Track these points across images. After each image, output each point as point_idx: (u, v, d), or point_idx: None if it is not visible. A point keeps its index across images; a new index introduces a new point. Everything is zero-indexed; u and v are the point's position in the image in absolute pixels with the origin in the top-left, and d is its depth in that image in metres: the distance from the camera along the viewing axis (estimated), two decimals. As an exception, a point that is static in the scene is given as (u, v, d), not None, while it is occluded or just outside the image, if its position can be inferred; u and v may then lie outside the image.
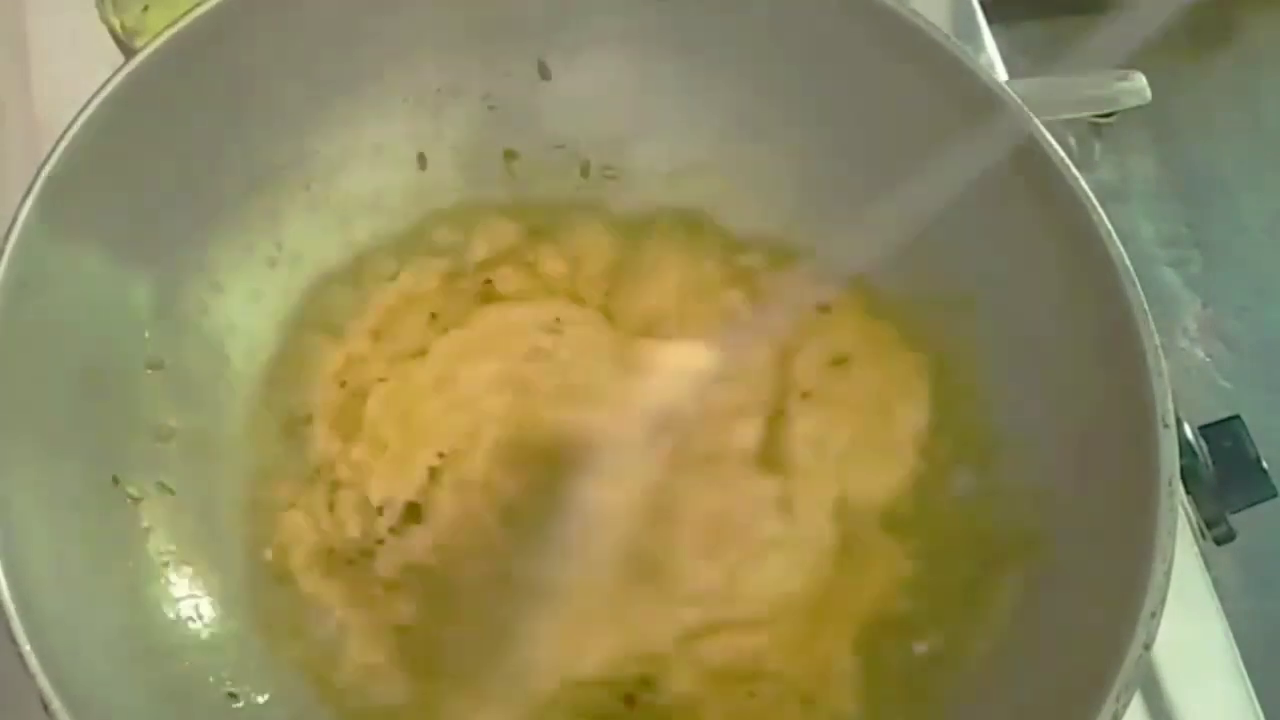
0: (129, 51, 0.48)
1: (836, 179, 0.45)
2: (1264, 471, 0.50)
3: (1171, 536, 0.35)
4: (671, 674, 0.40)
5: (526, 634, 0.40)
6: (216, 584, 0.40)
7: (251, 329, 0.43)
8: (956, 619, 0.40)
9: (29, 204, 0.36)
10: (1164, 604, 0.34)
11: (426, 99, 0.46)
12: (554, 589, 0.40)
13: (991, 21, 0.60)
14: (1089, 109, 0.57)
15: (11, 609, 0.33)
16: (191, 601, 0.40)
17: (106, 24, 0.49)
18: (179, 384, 0.41)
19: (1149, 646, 0.34)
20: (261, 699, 0.39)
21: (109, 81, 0.38)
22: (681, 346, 0.43)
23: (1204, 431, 0.50)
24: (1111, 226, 0.39)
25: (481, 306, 0.45)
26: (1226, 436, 0.50)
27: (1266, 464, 0.50)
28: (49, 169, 0.37)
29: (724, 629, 0.41)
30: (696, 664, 0.40)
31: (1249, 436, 0.50)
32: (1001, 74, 0.58)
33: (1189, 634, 0.47)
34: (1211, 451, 0.50)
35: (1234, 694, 0.47)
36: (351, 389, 0.44)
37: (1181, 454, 0.37)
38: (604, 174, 0.47)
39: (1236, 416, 0.51)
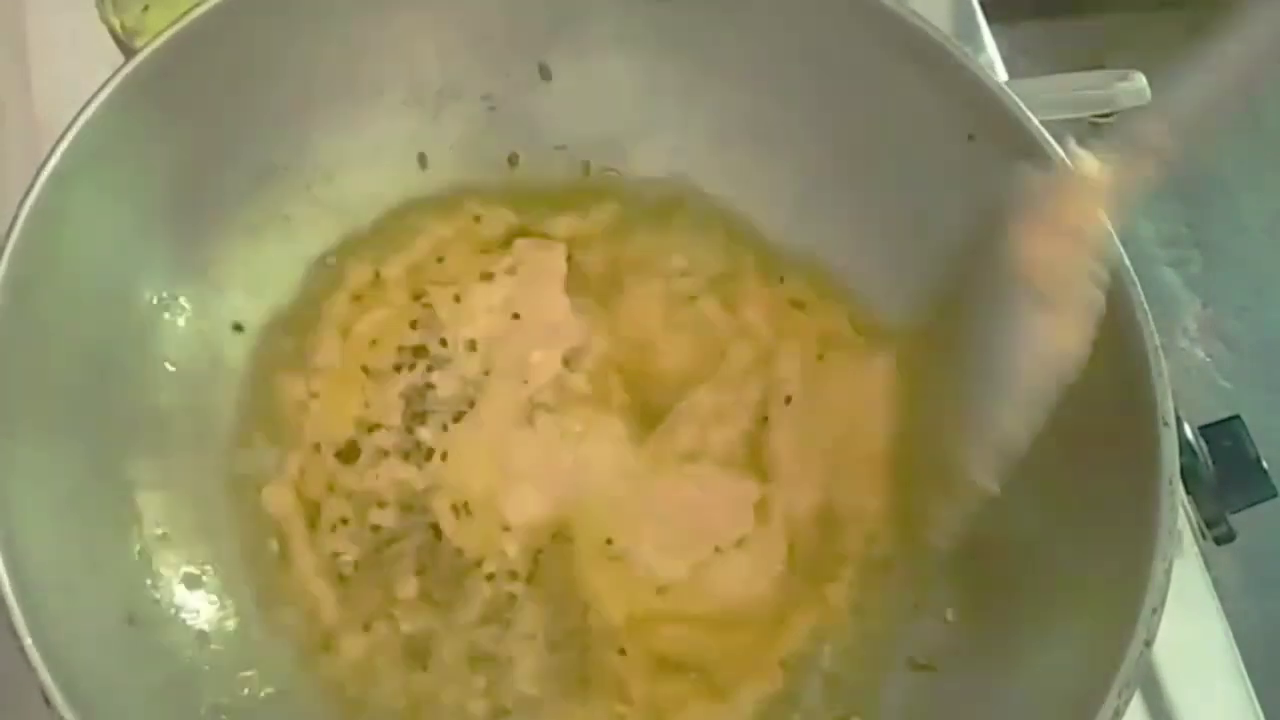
0: (129, 51, 0.48)
1: (837, 180, 0.45)
2: (1264, 471, 0.50)
3: (1172, 536, 0.35)
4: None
5: None
6: (216, 578, 0.40)
7: (251, 327, 0.43)
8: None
9: (29, 203, 0.36)
10: (1164, 602, 0.34)
11: (427, 99, 0.46)
12: None
13: (991, 21, 0.60)
14: (1089, 109, 0.57)
15: (13, 603, 0.33)
16: (191, 596, 0.40)
17: (106, 24, 0.49)
18: (179, 382, 0.41)
19: (1149, 644, 0.34)
20: (262, 693, 0.39)
21: (109, 81, 0.38)
22: None
23: (1204, 431, 0.50)
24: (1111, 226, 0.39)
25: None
26: (1226, 436, 0.50)
27: (1266, 464, 0.50)
28: (49, 168, 0.37)
29: (677, 620, 0.41)
30: (639, 642, 0.41)
31: (1249, 436, 0.50)
32: (1001, 74, 0.58)
33: (1189, 633, 0.47)
34: (1211, 451, 0.50)
35: (1233, 693, 0.47)
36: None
37: (1182, 454, 0.37)
38: (604, 174, 0.47)
39: (1236, 416, 0.51)
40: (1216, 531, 0.50)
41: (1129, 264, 0.38)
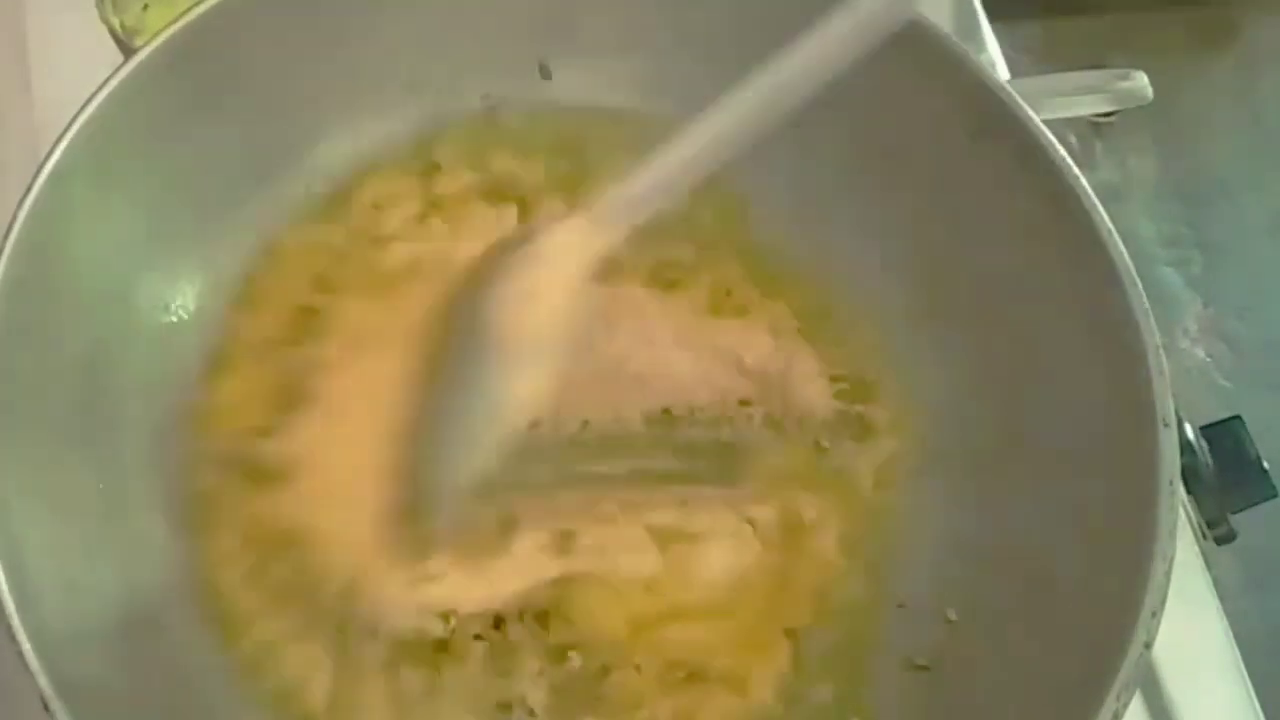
0: (129, 51, 0.48)
1: (836, 180, 0.45)
2: (1264, 472, 0.50)
3: (1172, 536, 0.35)
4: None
5: None
6: (220, 579, 0.40)
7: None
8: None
9: (29, 203, 0.36)
10: (1164, 603, 0.34)
11: (427, 99, 0.46)
12: None
13: (992, 20, 0.60)
14: (1090, 108, 0.57)
15: (11, 607, 0.33)
16: (193, 596, 0.39)
17: (106, 24, 0.49)
18: (179, 383, 0.41)
19: (1149, 645, 0.34)
20: (265, 694, 0.39)
21: (109, 81, 0.38)
22: None
23: (1205, 431, 0.50)
24: (1112, 226, 0.39)
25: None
26: (1227, 436, 0.50)
27: (1267, 464, 0.50)
28: (49, 167, 0.37)
29: (678, 617, 0.41)
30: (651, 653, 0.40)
31: (1249, 437, 0.50)
32: (1003, 73, 0.58)
33: (1189, 634, 0.47)
34: (1212, 451, 0.50)
35: (1234, 693, 0.47)
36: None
37: (1182, 454, 0.37)
38: (602, 175, 0.47)
39: (1237, 416, 0.51)
40: (1217, 532, 0.50)
41: (1130, 264, 0.38)
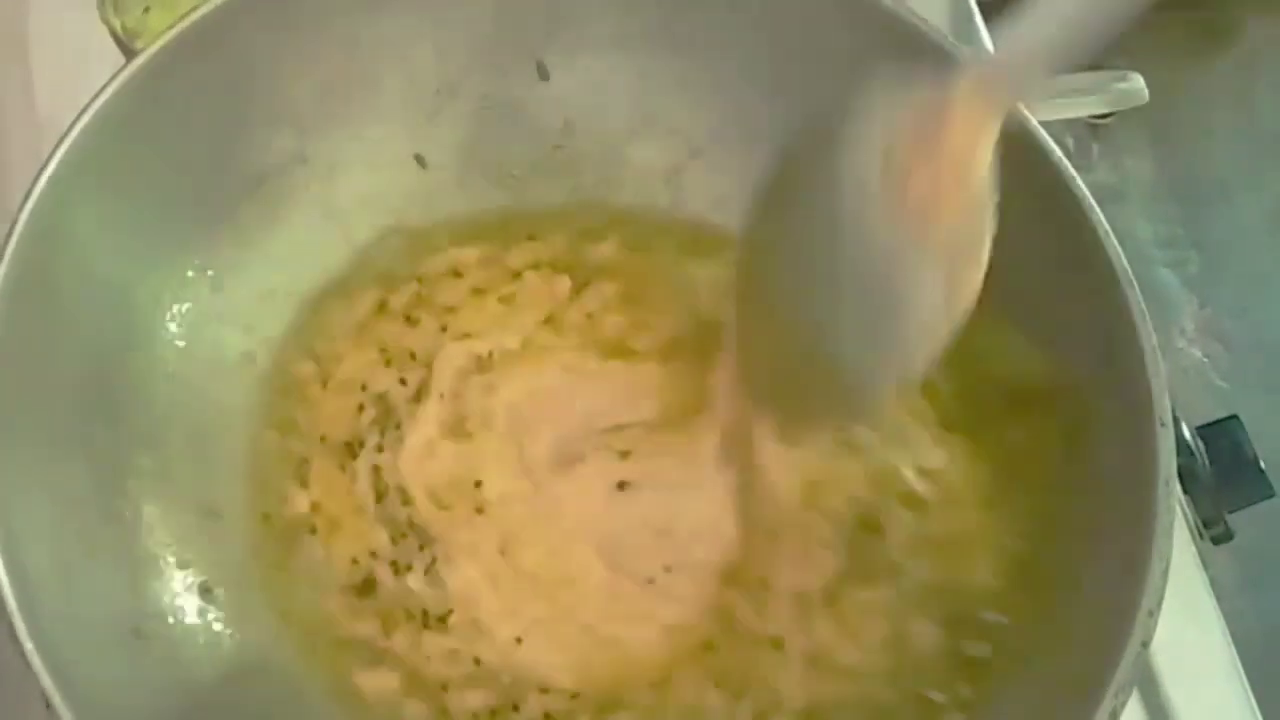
0: (130, 53, 0.48)
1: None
2: (1261, 471, 0.50)
3: (1169, 536, 0.35)
4: None
5: None
6: (217, 581, 0.40)
7: (252, 329, 0.44)
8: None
9: (30, 205, 0.37)
10: (1161, 603, 0.34)
11: (425, 99, 0.46)
12: None
13: (989, 22, 0.60)
14: (1086, 109, 0.57)
15: (14, 607, 0.33)
16: (192, 599, 0.40)
17: (107, 25, 0.49)
18: (180, 385, 0.42)
19: (1146, 644, 0.34)
20: (263, 695, 0.39)
21: (110, 83, 0.38)
22: None
23: (1202, 431, 0.50)
24: (1109, 227, 0.39)
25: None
26: (1224, 436, 0.50)
27: (1264, 464, 0.50)
28: (50, 170, 0.37)
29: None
30: None
31: (1247, 436, 0.50)
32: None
33: (1186, 633, 0.47)
34: (1209, 451, 0.50)
35: (1231, 692, 0.47)
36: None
37: (1179, 454, 0.37)
38: (601, 174, 0.47)
39: (1234, 416, 0.51)
40: (1214, 531, 0.50)
41: (1126, 264, 0.38)
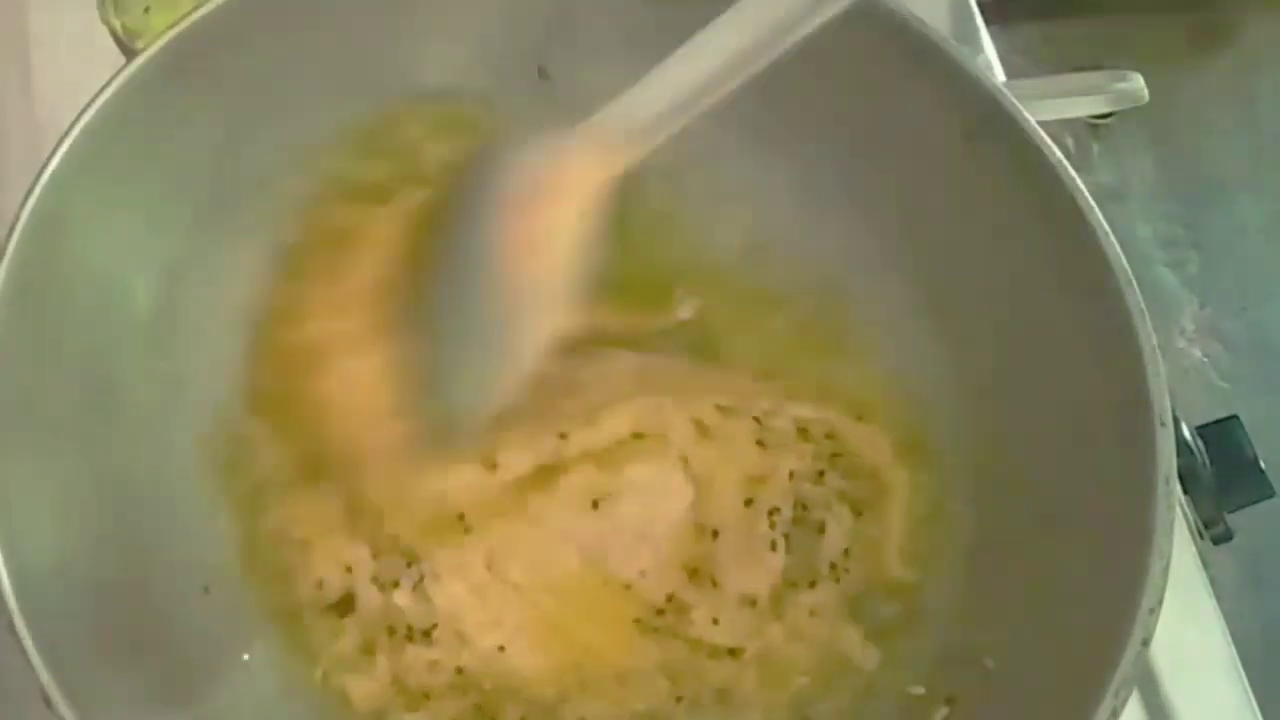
0: (130, 53, 0.48)
1: (834, 180, 0.45)
2: (1261, 471, 0.50)
3: (1169, 535, 0.35)
4: None
5: None
6: (215, 581, 0.40)
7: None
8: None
9: (30, 205, 0.37)
10: (1162, 602, 0.34)
11: (426, 100, 0.46)
12: None
13: (989, 23, 0.60)
14: (1086, 110, 0.57)
15: (14, 604, 0.33)
16: (191, 599, 0.40)
17: (108, 25, 0.49)
18: (181, 384, 0.42)
19: (1147, 642, 0.34)
20: (265, 691, 0.39)
21: (110, 83, 0.38)
22: None
23: (1202, 431, 0.50)
24: (1109, 227, 0.39)
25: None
26: (1224, 436, 0.50)
27: (1264, 464, 0.50)
28: (50, 170, 0.37)
29: None
30: None
31: (1246, 436, 0.50)
32: (999, 74, 0.58)
33: (1187, 632, 0.47)
34: (1209, 451, 0.50)
35: (1231, 692, 0.47)
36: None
37: (1179, 454, 0.37)
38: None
39: (1234, 416, 0.51)
40: (1214, 531, 0.50)
41: (1126, 264, 0.38)
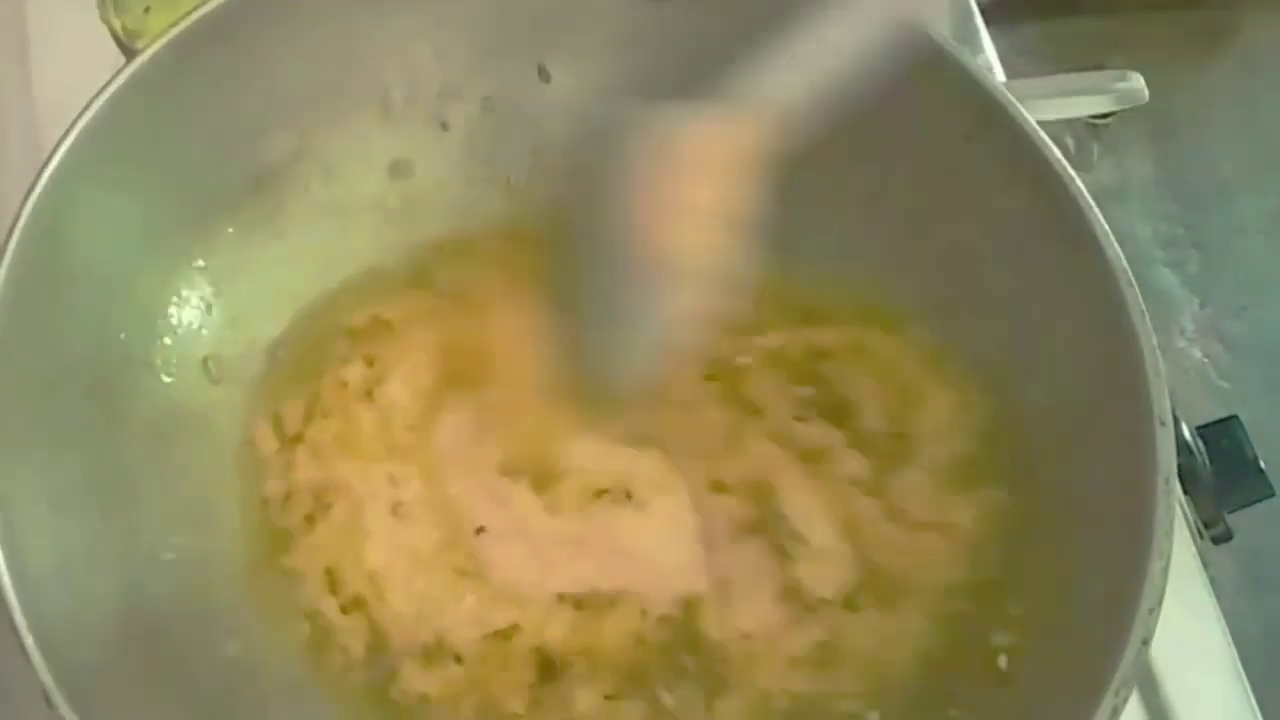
0: (130, 53, 0.48)
1: (834, 180, 0.45)
2: (1261, 471, 0.50)
3: (1168, 535, 0.35)
4: None
5: None
6: (218, 578, 0.40)
7: (252, 324, 0.44)
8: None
9: (30, 204, 0.37)
10: (1161, 601, 0.34)
11: (426, 100, 0.46)
12: None
13: (990, 23, 0.60)
14: (1086, 110, 0.57)
15: (15, 603, 0.33)
16: (195, 589, 0.40)
17: (108, 25, 0.49)
18: (180, 382, 0.42)
19: (1147, 642, 0.34)
20: (264, 692, 0.39)
21: (110, 83, 0.38)
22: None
23: (1202, 431, 0.50)
24: (1109, 227, 0.39)
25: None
26: (1224, 436, 0.50)
27: (1264, 464, 0.50)
28: (51, 170, 0.37)
29: None
30: None
31: (1246, 436, 0.50)
32: (1000, 74, 0.58)
33: (1187, 632, 0.47)
34: (1209, 451, 0.50)
35: (1231, 691, 0.47)
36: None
37: (1179, 453, 0.37)
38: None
39: (1234, 416, 0.51)
40: (1214, 531, 0.50)
41: (1126, 264, 0.38)
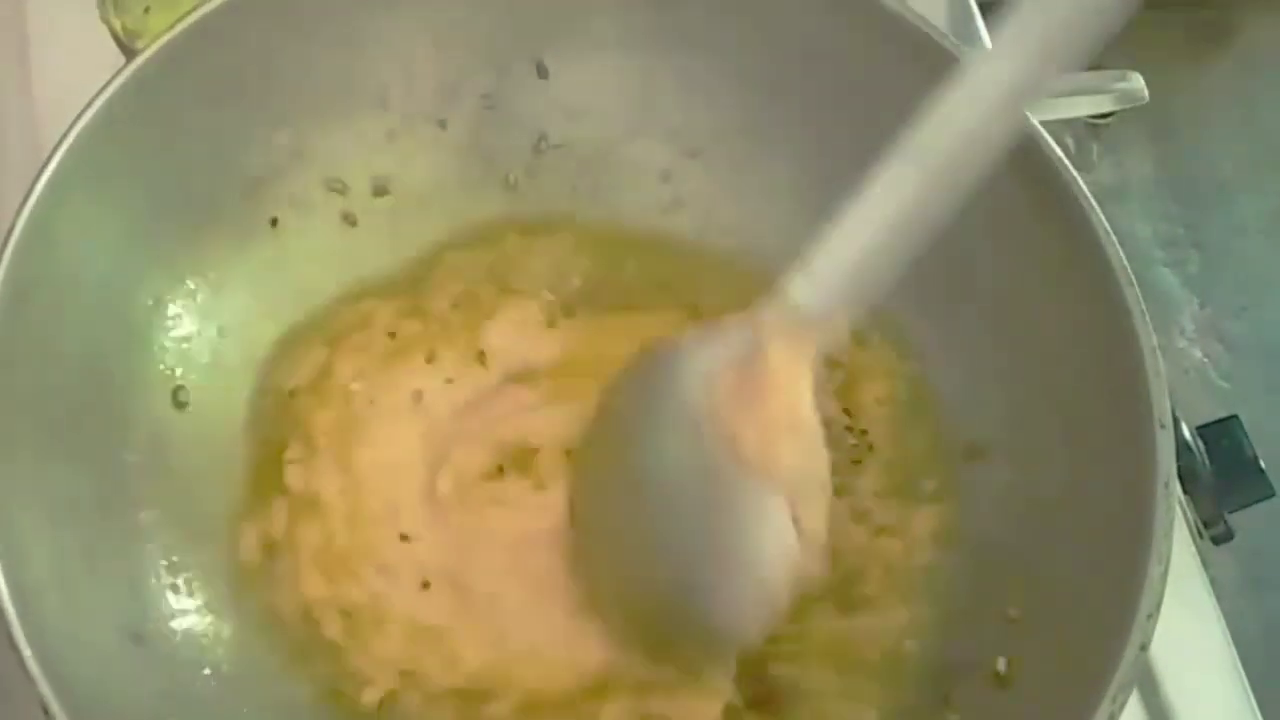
0: (130, 53, 0.48)
1: (835, 181, 0.45)
2: (1261, 471, 0.50)
3: (1168, 536, 0.35)
4: None
5: None
6: (216, 587, 0.40)
7: (250, 330, 0.44)
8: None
9: (30, 204, 0.36)
10: (1161, 605, 0.34)
11: (425, 99, 0.46)
12: None
13: (990, 23, 0.60)
14: (1086, 110, 0.57)
15: (12, 613, 0.33)
16: (190, 605, 0.40)
17: (108, 25, 0.49)
18: (177, 385, 0.42)
19: (1145, 647, 0.34)
20: (261, 699, 0.39)
21: (110, 83, 0.38)
22: None
23: (1201, 431, 0.50)
24: (1109, 227, 0.39)
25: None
26: (1224, 436, 0.50)
27: (1264, 464, 0.50)
28: (50, 170, 0.37)
29: None
30: None
31: (1246, 436, 0.50)
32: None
33: (1187, 632, 0.47)
34: (1209, 451, 0.50)
35: (1231, 692, 0.47)
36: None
37: (1179, 454, 0.37)
38: (599, 175, 0.47)
39: (1234, 416, 0.51)
40: (1214, 531, 0.50)
41: (1126, 264, 0.38)
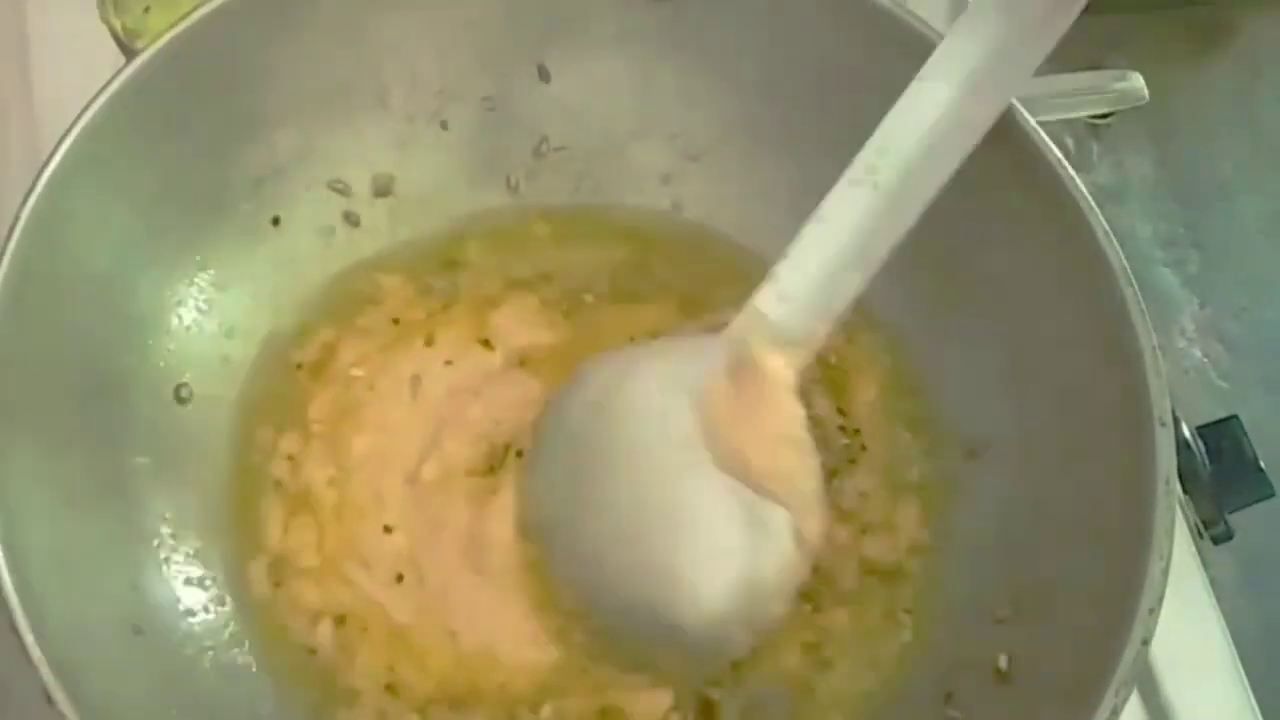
0: (130, 53, 0.48)
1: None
2: (1261, 471, 0.50)
3: (1169, 535, 0.35)
4: None
5: None
6: (218, 575, 0.40)
7: (251, 328, 0.44)
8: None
9: (30, 204, 0.37)
10: (1161, 602, 0.34)
11: (426, 100, 0.46)
12: None
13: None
14: (1086, 110, 0.57)
15: (14, 601, 0.33)
16: (193, 592, 0.40)
17: (108, 25, 0.49)
18: (179, 381, 0.42)
19: (1147, 642, 0.34)
20: (263, 686, 0.39)
21: (110, 83, 0.38)
22: None
23: (1202, 431, 0.50)
24: (1109, 227, 0.39)
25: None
26: (1224, 436, 0.50)
27: (1264, 464, 0.50)
28: (50, 170, 0.37)
29: None
30: None
31: (1247, 436, 0.50)
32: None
33: (1187, 632, 0.47)
34: (1209, 451, 0.50)
35: (1231, 691, 0.47)
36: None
37: (1179, 453, 0.37)
38: (601, 176, 0.47)
39: (1234, 416, 0.51)
40: (1214, 531, 0.50)
41: (1126, 264, 0.38)
